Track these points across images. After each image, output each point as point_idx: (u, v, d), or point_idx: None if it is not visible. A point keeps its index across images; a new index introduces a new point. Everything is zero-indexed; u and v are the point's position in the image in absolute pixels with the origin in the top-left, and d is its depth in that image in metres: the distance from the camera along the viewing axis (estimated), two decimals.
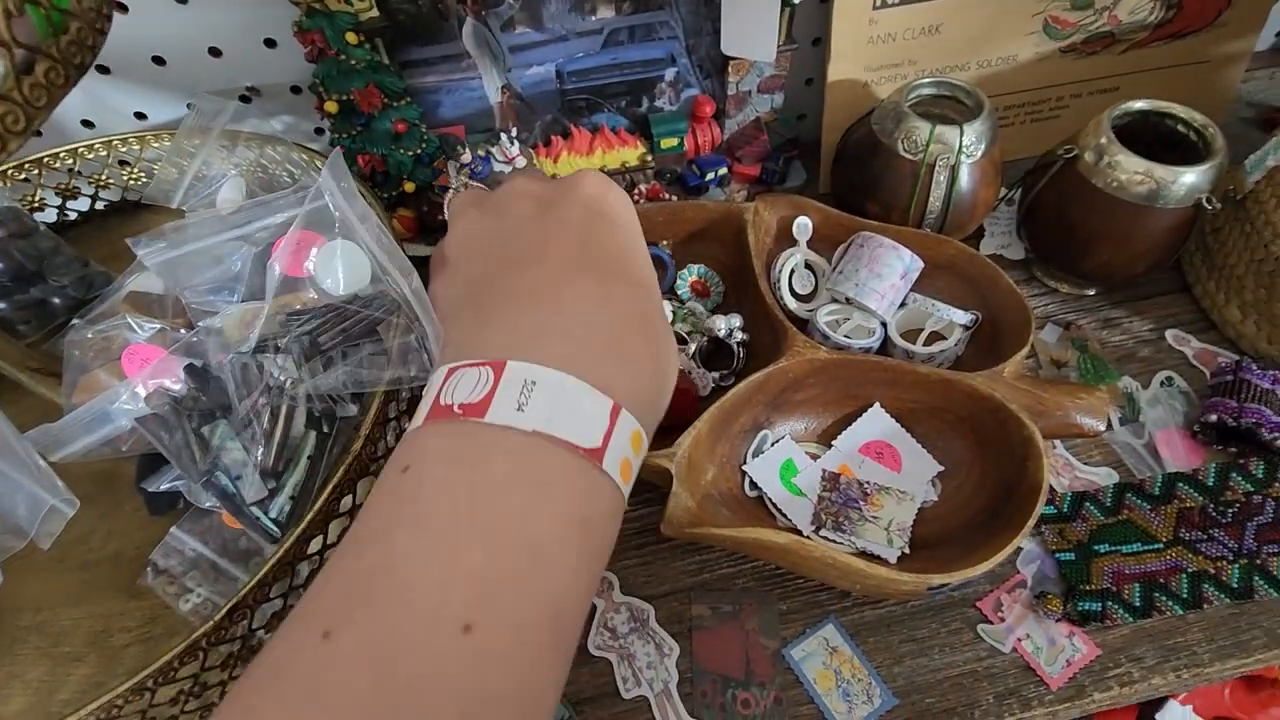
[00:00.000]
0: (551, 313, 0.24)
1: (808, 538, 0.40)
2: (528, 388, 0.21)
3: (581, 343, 0.23)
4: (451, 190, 0.36)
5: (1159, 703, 0.73)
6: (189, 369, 0.36)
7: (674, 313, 0.49)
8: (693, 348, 0.48)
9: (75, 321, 0.40)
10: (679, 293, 0.52)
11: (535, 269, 0.25)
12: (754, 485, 0.45)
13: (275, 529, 0.31)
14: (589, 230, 0.26)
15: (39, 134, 0.48)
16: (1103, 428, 0.42)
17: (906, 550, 0.42)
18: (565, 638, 0.21)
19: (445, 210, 0.32)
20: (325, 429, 0.33)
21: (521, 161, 0.57)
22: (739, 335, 0.48)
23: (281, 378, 0.34)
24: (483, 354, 0.22)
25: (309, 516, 0.29)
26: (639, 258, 0.27)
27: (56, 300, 0.45)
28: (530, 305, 0.24)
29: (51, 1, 0.25)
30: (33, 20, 0.23)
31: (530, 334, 0.23)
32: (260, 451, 0.31)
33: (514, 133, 0.57)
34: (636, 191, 0.60)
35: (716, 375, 0.47)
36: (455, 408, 0.21)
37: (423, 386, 0.25)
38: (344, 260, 0.37)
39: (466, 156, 0.56)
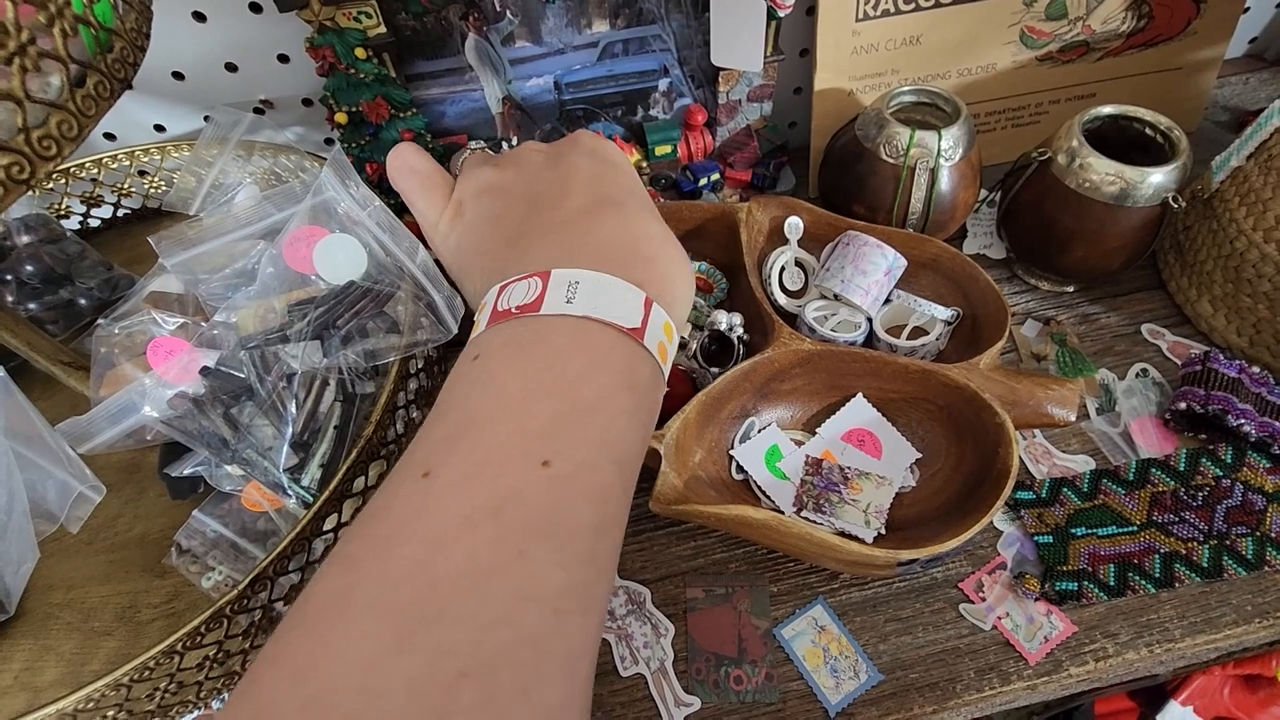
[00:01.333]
0: (582, 235, 0.27)
1: (788, 517, 0.42)
2: (573, 286, 0.25)
3: (611, 254, 0.27)
4: (462, 151, 0.39)
5: (1160, 703, 0.75)
6: (204, 371, 0.38)
7: None
8: (693, 347, 0.50)
9: (101, 320, 0.43)
10: None
11: (560, 206, 0.29)
12: (740, 469, 0.47)
13: (308, 496, 0.34)
14: (597, 173, 0.30)
15: None
16: (1073, 418, 0.44)
17: (883, 531, 0.44)
18: (626, 482, 0.24)
19: (454, 167, 0.35)
20: (349, 403, 0.35)
21: None
22: (739, 331, 0.51)
23: (296, 364, 0.36)
24: (527, 269, 0.26)
25: (333, 484, 0.31)
26: (641, 191, 0.32)
27: (83, 301, 0.47)
28: (562, 234, 0.27)
29: (99, 22, 0.27)
30: (84, 39, 0.26)
31: (568, 251, 0.26)
32: (290, 425, 0.34)
33: (515, 141, 0.60)
34: None
35: (717, 370, 0.49)
36: (513, 309, 0.25)
37: (437, 347, 0.28)
38: (342, 252, 0.40)
39: None
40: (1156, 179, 0.48)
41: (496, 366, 0.24)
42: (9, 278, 0.46)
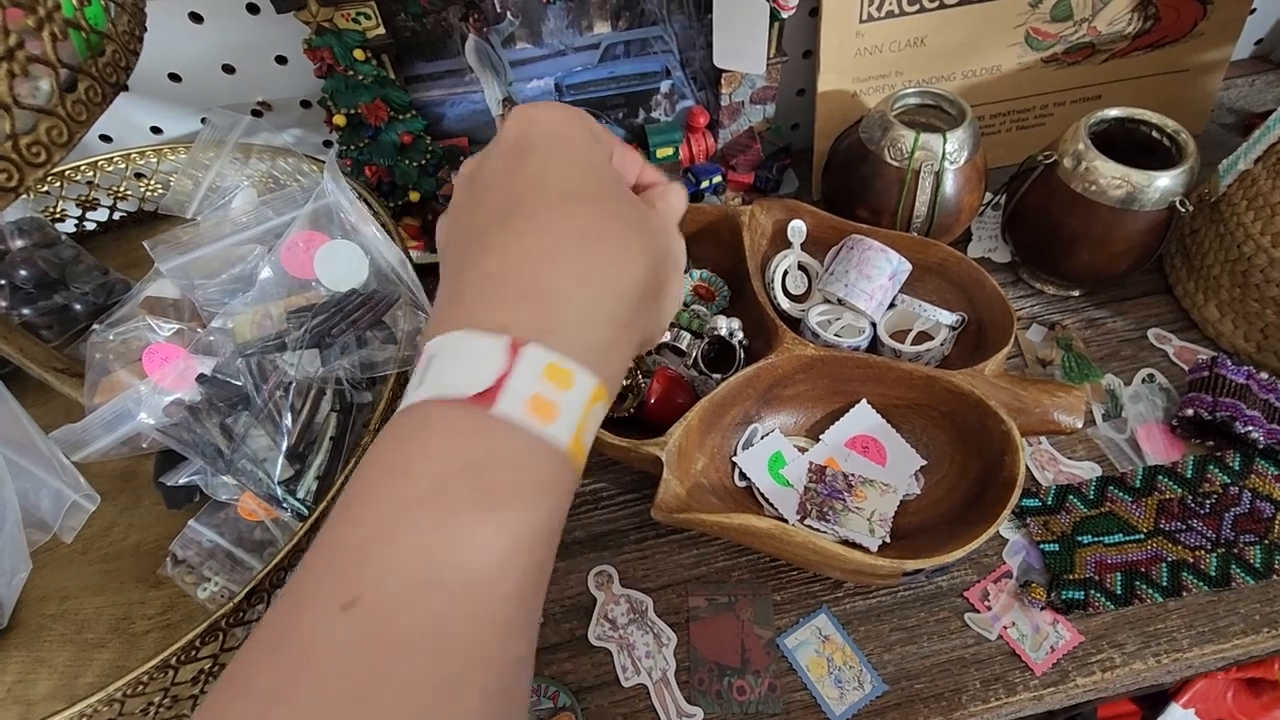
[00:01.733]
0: (470, 268, 0.22)
1: (792, 525, 0.42)
2: (429, 361, 0.21)
3: (494, 286, 0.22)
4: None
5: (1161, 707, 0.74)
6: (200, 379, 0.38)
7: (678, 315, 0.51)
8: (694, 353, 0.49)
9: (96, 326, 0.42)
10: (683, 296, 0.53)
11: (470, 224, 0.24)
12: (743, 476, 0.47)
13: (303, 508, 0.33)
14: (509, 166, 0.24)
15: None
16: (1079, 425, 0.44)
17: (887, 540, 0.43)
18: (541, 580, 0.20)
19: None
20: (346, 414, 0.35)
21: None
22: (740, 336, 0.50)
23: (293, 373, 0.36)
24: (428, 330, 0.22)
25: (328, 497, 0.31)
26: (597, 175, 0.25)
27: (78, 306, 0.47)
28: (458, 270, 0.23)
29: (91, 26, 0.27)
30: (74, 43, 0.26)
31: (451, 295, 0.23)
32: (286, 436, 0.33)
33: None
34: None
35: (719, 377, 0.49)
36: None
37: None
38: (344, 258, 0.39)
39: None
40: (1163, 183, 0.48)
41: (408, 454, 0.20)
42: (2, 283, 0.46)
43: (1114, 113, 0.52)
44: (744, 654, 0.43)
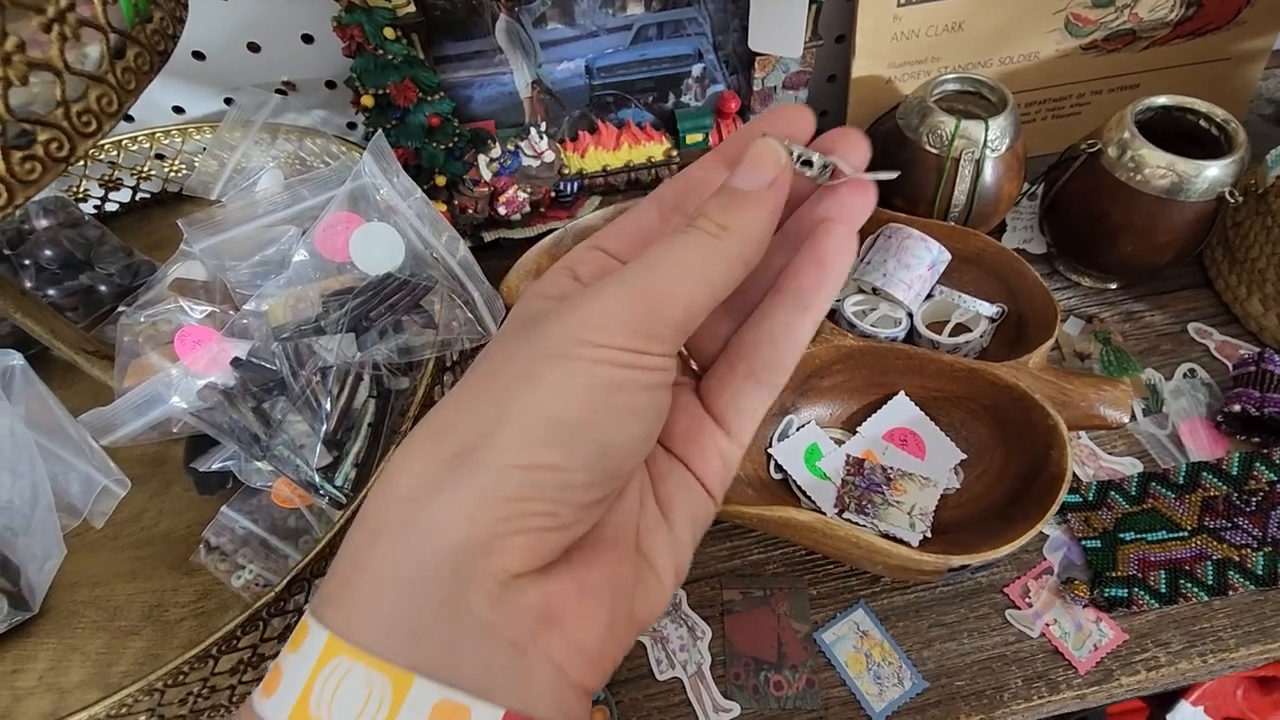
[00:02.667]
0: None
1: (832, 519, 0.41)
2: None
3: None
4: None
5: (1170, 704, 0.74)
6: (235, 362, 0.37)
7: None
8: None
9: (124, 307, 0.41)
10: None
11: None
12: (779, 468, 0.46)
13: (341, 496, 0.32)
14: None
15: None
16: (1126, 419, 0.43)
17: (928, 534, 0.42)
18: None
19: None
20: (383, 399, 0.34)
21: (550, 156, 0.58)
22: None
23: (330, 357, 0.35)
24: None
25: (369, 484, 0.30)
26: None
27: (103, 288, 0.46)
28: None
29: None
30: (123, 7, 0.25)
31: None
32: (324, 422, 0.32)
33: (543, 127, 0.58)
34: None
35: None
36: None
37: (474, 351, 0.24)
38: (380, 241, 0.38)
39: (496, 151, 0.57)
40: (1212, 173, 0.47)
41: None
42: (28, 263, 0.45)
43: (1161, 100, 0.51)
44: (780, 648, 0.43)
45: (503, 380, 0.17)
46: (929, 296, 0.50)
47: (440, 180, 0.57)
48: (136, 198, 0.56)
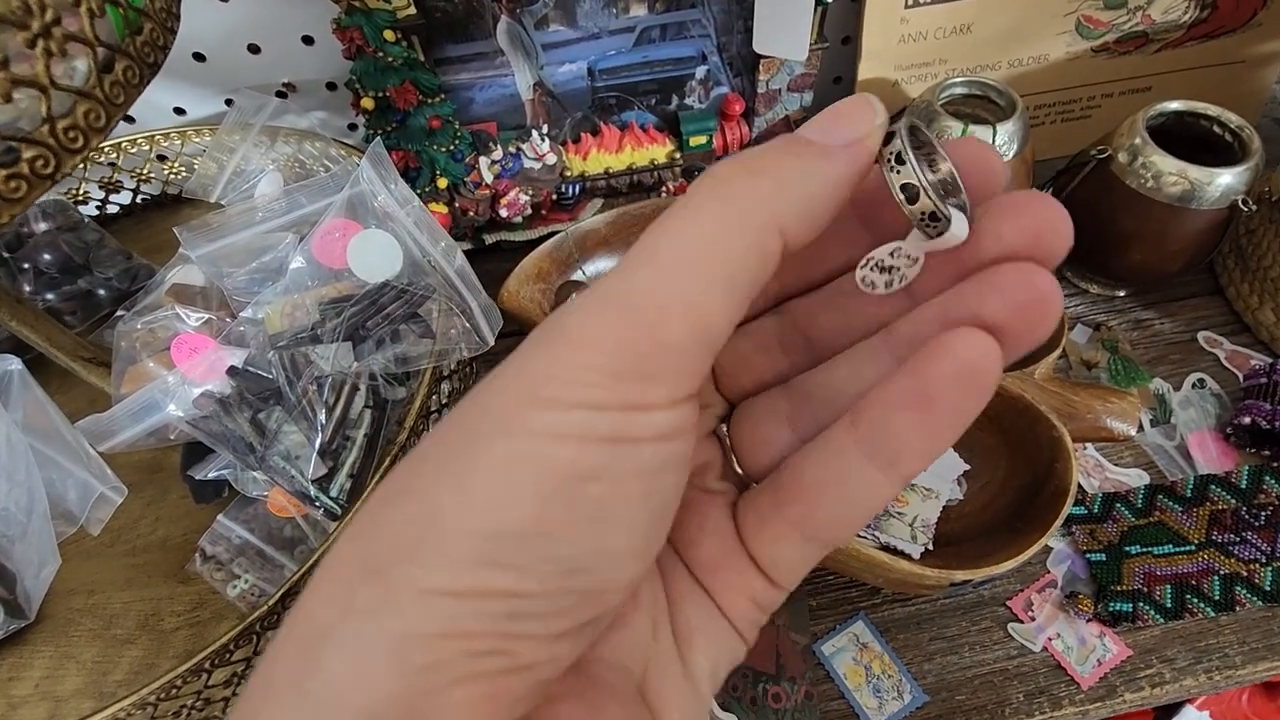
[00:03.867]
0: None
1: None
2: None
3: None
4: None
5: (1175, 708, 0.73)
6: (232, 371, 0.37)
7: None
8: None
9: (122, 313, 0.41)
10: None
11: None
12: None
13: (336, 507, 0.32)
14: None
15: None
16: (1133, 432, 0.42)
17: (930, 547, 0.42)
18: None
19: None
20: (380, 410, 0.34)
21: (552, 158, 0.58)
22: None
23: (326, 366, 0.35)
24: None
25: (363, 496, 0.30)
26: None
27: (102, 292, 0.46)
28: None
29: (128, 2, 0.25)
30: (112, 20, 0.24)
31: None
32: (320, 432, 0.32)
33: (545, 129, 0.58)
34: (665, 189, 0.60)
35: None
36: None
37: (471, 361, 0.19)
38: (378, 249, 0.38)
39: (497, 153, 0.57)
40: (1225, 180, 0.46)
41: None
42: (26, 266, 0.45)
43: (1173, 106, 0.50)
44: (779, 660, 0.42)
45: (430, 468, 0.12)
46: None
47: (441, 182, 0.57)
48: (137, 200, 0.56)
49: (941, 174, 0.12)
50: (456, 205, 0.59)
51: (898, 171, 0.12)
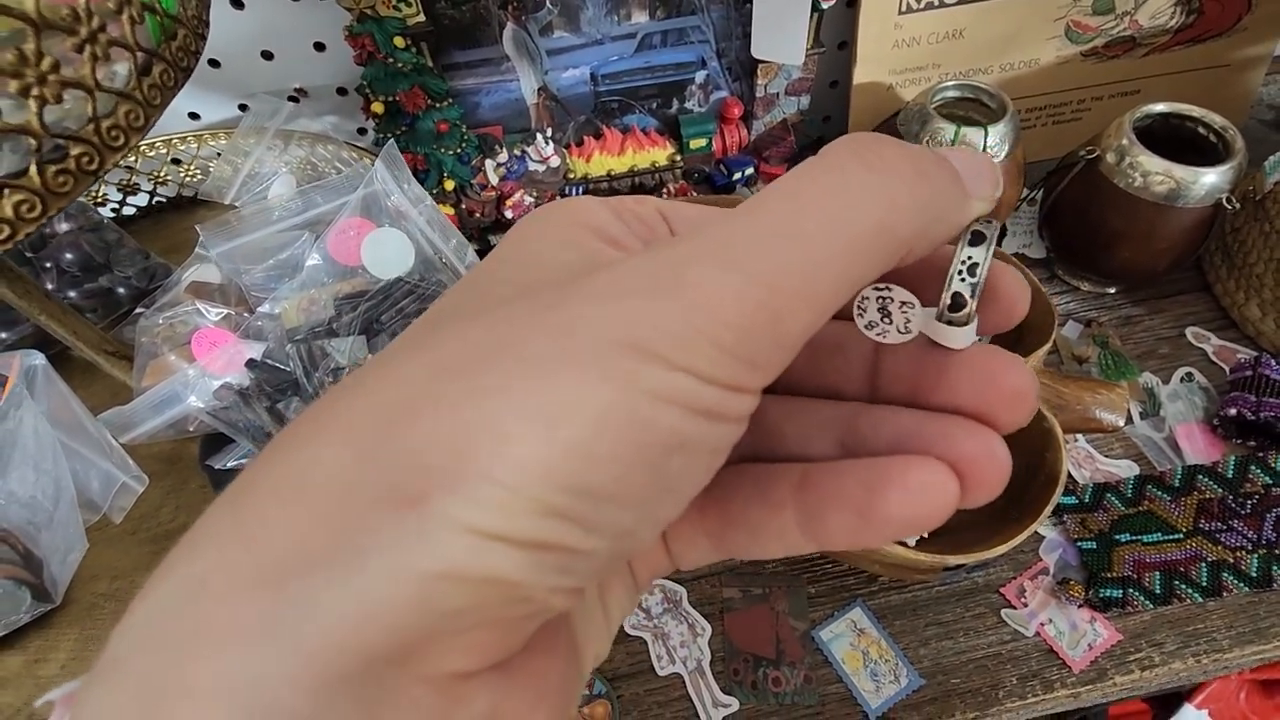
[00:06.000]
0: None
1: None
2: None
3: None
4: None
5: (1174, 707, 0.74)
6: (250, 364, 0.38)
7: None
8: None
9: (142, 309, 0.43)
10: None
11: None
12: None
13: None
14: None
15: None
16: (1121, 423, 0.43)
17: (925, 534, 0.43)
18: None
19: None
20: None
21: (556, 161, 0.59)
22: None
23: (342, 359, 0.36)
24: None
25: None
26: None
27: (122, 290, 0.47)
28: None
29: (164, 10, 0.27)
30: (149, 27, 0.26)
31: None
32: None
33: (549, 133, 0.59)
34: (665, 190, 0.62)
35: None
36: None
37: None
38: (391, 246, 0.40)
39: (503, 156, 0.59)
40: (1210, 179, 0.47)
41: None
42: (49, 265, 0.46)
43: (1159, 107, 0.51)
44: (779, 645, 0.44)
45: (494, 383, 0.10)
46: None
47: (449, 184, 0.59)
48: (153, 202, 0.57)
49: (980, 278, 0.12)
50: (463, 206, 0.60)
51: (969, 250, 0.12)
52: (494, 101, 0.58)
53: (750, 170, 0.62)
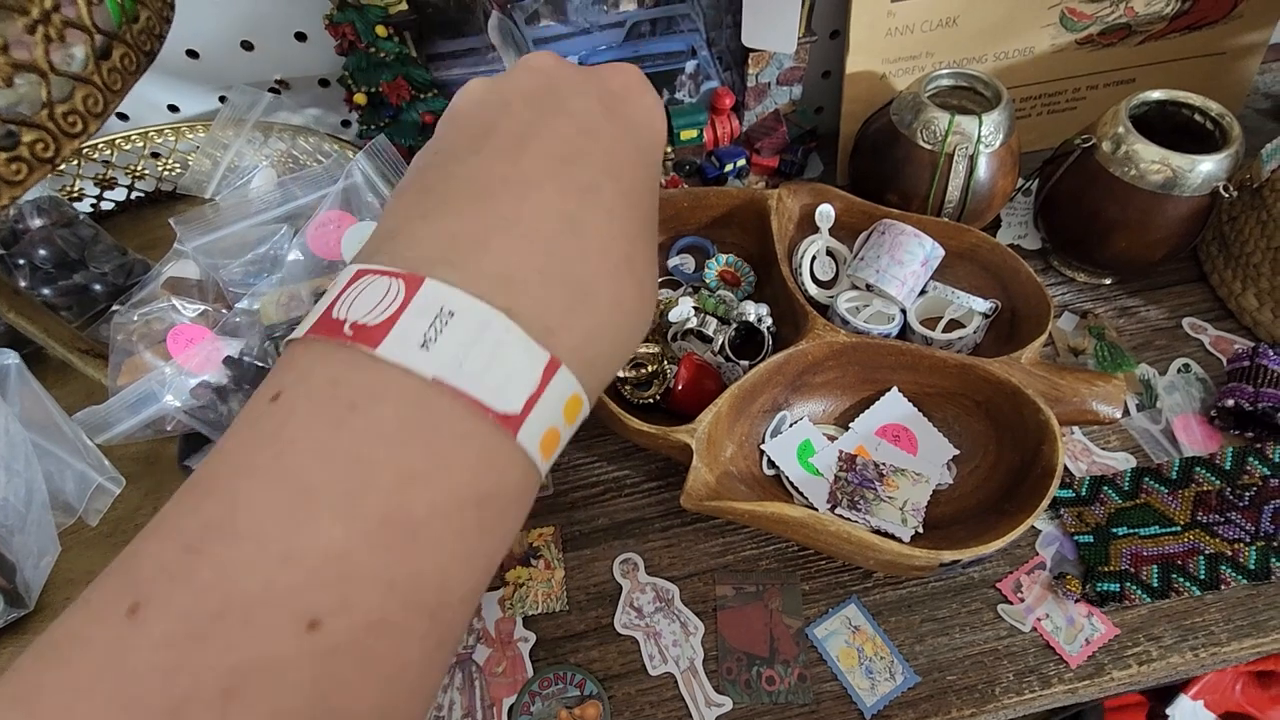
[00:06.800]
0: (503, 220, 0.18)
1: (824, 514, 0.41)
2: (442, 318, 0.16)
3: (531, 269, 0.18)
4: None
5: (1170, 698, 0.74)
6: (228, 361, 0.37)
7: (703, 301, 0.50)
8: (719, 342, 0.49)
9: (117, 306, 0.42)
10: (708, 281, 0.52)
11: (503, 159, 0.19)
12: (771, 464, 0.46)
13: None
14: (594, 133, 0.21)
15: None
16: (1118, 415, 0.43)
17: (920, 530, 0.42)
18: (445, 637, 0.17)
19: None
20: None
21: None
22: (768, 322, 0.49)
23: None
24: (402, 259, 0.18)
25: None
26: (643, 180, 0.22)
27: (97, 287, 0.46)
28: (480, 203, 0.19)
29: None
30: (109, 7, 0.25)
31: (468, 243, 0.18)
32: None
33: None
34: None
35: (746, 364, 0.48)
36: (347, 326, 0.16)
37: None
38: None
39: None
40: (1206, 167, 0.47)
41: (292, 432, 0.16)
42: (21, 262, 0.45)
43: (1155, 95, 0.50)
44: (773, 644, 0.43)
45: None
46: (922, 292, 0.50)
47: None
48: (131, 196, 0.56)
49: None
50: None
51: None
52: None
53: (742, 162, 0.61)
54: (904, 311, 0.50)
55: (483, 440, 0.17)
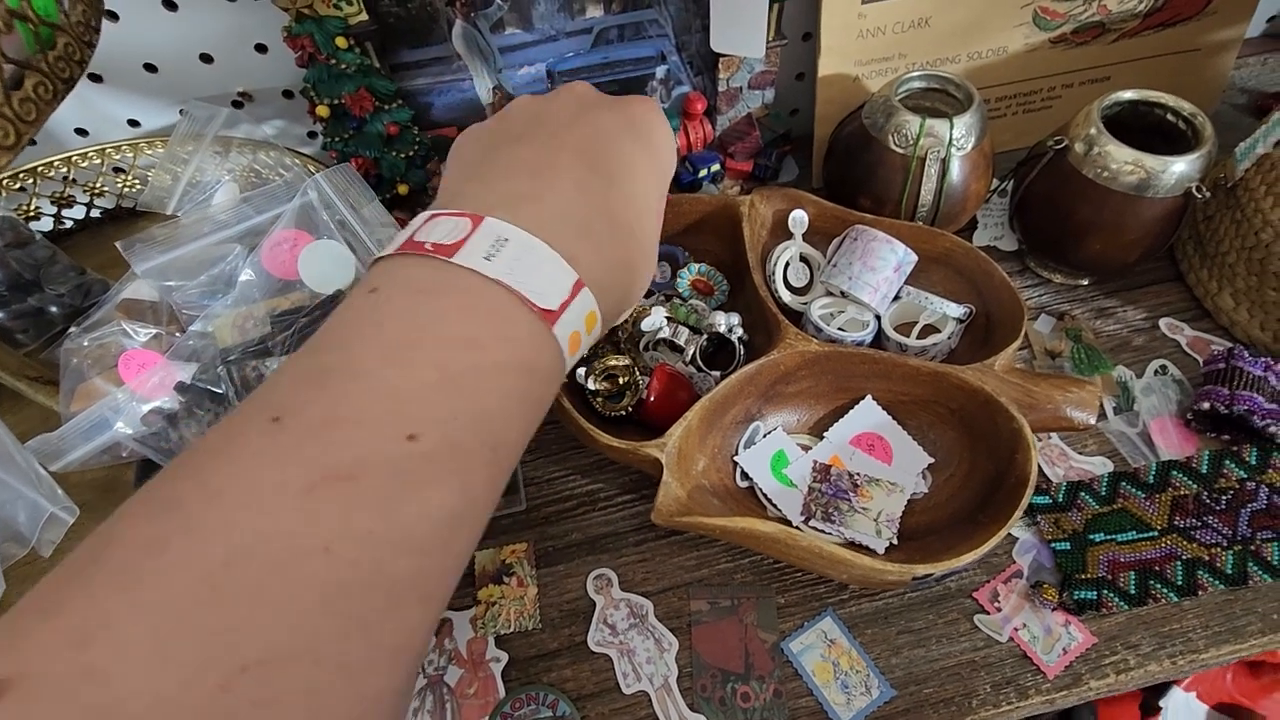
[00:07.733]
0: (543, 186, 0.25)
1: (797, 528, 0.40)
2: (499, 243, 0.22)
3: (559, 218, 0.24)
4: None
5: (1163, 690, 0.74)
6: (180, 387, 0.36)
7: (675, 310, 0.49)
8: (691, 350, 0.48)
9: (71, 330, 0.41)
10: (680, 290, 0.52)
11: (546, 150, 0.26)
12: (745, 476, 0.45)
13: None
14: (617, 140, 0.27)
15: (33, 143, 0.48)
16: (1092, 421, 0.42)
17: (894, 541, 0.42)
18: (497, 471, 0.22)
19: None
20: None
21: None
22: (739, 332, 0.49)
23: None
24: (469, 205, 0.24)
25: None
26: (654, 186, 0.28)
27: (54, 309, 0.45)
28: (525, 177, 0.25)
29: (40, 17, 0.25)
30: (21, 36, 0.24)
31: (516, 199, 0.24)
32: None
33: None
34: None
35: (718, 374, 0.47)
36: (428, 244, 0.22)
37: None
38: (330, 259, 0.38)
39: None
40: (1179, 168, 0.46)
41: (388, 311, 0.21)
42: None
43: (1128, 95, 0.50)
44: (748, 659, 0.42)
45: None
46: (896, 298, 0.50)
47: (403, 189, 0.57)
48: (91, 214, 0.55)
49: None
50: (418, 212, 0.58)
51: None
52: (447, 102, 0.56)
53: (716, 167, 0.60)
54: (878, 318, 0.49)
55: (529, 326, 0.23)
